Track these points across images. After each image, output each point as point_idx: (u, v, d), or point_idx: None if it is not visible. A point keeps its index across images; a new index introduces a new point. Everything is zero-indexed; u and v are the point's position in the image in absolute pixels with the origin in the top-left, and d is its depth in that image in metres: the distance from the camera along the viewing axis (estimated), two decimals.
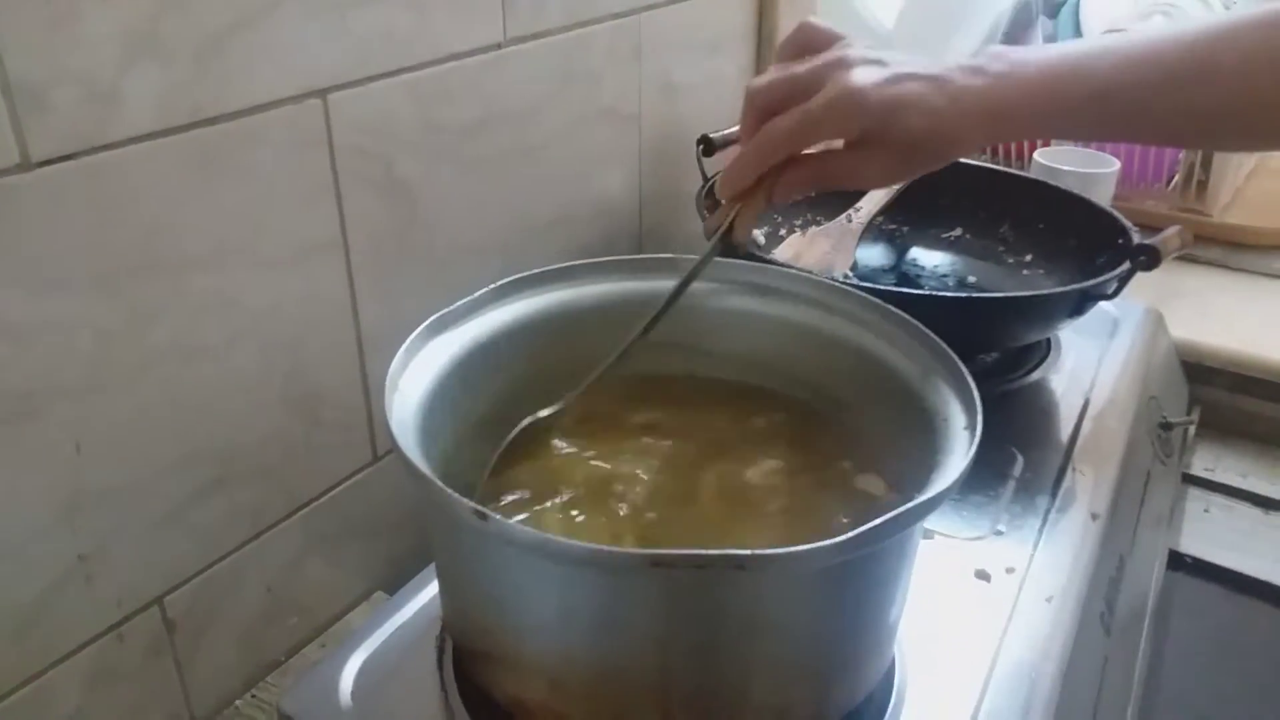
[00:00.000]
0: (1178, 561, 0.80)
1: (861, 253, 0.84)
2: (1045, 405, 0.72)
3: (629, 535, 0.45)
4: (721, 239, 0.52)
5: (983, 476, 0.63)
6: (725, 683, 0.40)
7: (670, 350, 0.55)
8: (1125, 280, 0.67)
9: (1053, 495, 0.62)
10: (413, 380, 0.45)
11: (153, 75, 0.45)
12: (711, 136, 0.77)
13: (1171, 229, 0.68)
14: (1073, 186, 0.83)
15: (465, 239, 0.66)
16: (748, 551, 0.33)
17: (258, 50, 0.49)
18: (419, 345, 0.47)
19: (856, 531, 0.35)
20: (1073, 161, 0.95)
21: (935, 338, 0.48)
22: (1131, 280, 0.67)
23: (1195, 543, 0.81)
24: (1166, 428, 0.81)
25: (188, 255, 0.49)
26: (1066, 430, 0.69)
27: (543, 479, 0.48)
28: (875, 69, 0.49)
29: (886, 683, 0.48)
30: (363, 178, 0.57)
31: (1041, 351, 0.77)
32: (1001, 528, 0.59)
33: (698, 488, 0.49)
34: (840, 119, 0.48)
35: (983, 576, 0.55)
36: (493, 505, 0.46)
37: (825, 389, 0.54)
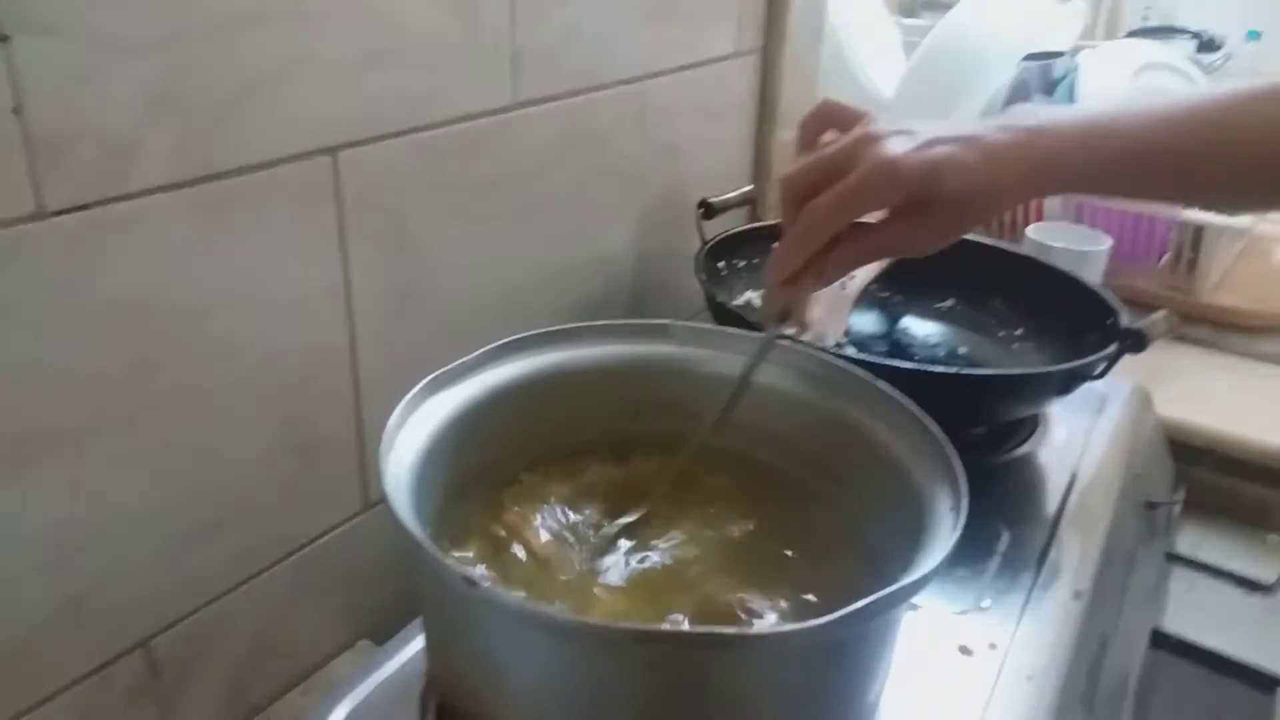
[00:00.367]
0: (1161, 641, 0.80)
1: (855, 319, 0.85)
2: (1032, 480, 0.73)
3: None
4: (777, 325, 0.52)
5: (968, 550, 0.62)
6: None
7: (661, 413, 0.56)
8: (1113, 361, 0.68)
9: (1037, 571, 0.62)
10: (408, 439, 0.46)
11: (171, 131, 0.46)
12: (712, 201, 0.78)
13: (1159, 313, 0.69)
14: (1065, 262, 0.84)
15: (465, 292, 0.67)
16: (732, 631, 0.34)
17: (273, 108, 0.51)
18: (416, 404, 0.48)
19: (841, 613, 0.35)
20: (1065, 238, 0.96)
21: (925, 418, 0.48)
22: (1120, 360, 0.68)
23: (1179, 623, 0.81)
24: (1152, 506, 0.81)
25: (193, 303, 0.50)
26: (1052, 506, 0.69)
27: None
28: (905, 138, 0.49)
29: None
30: (368, 232, 0.58)
31: (1030, 426, 0.78)
32: (986, 603, 0.59)
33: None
34: (879, 190, 0.48)
35: (965, 652, 0.55)
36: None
37: (814, 460, 0.54)
